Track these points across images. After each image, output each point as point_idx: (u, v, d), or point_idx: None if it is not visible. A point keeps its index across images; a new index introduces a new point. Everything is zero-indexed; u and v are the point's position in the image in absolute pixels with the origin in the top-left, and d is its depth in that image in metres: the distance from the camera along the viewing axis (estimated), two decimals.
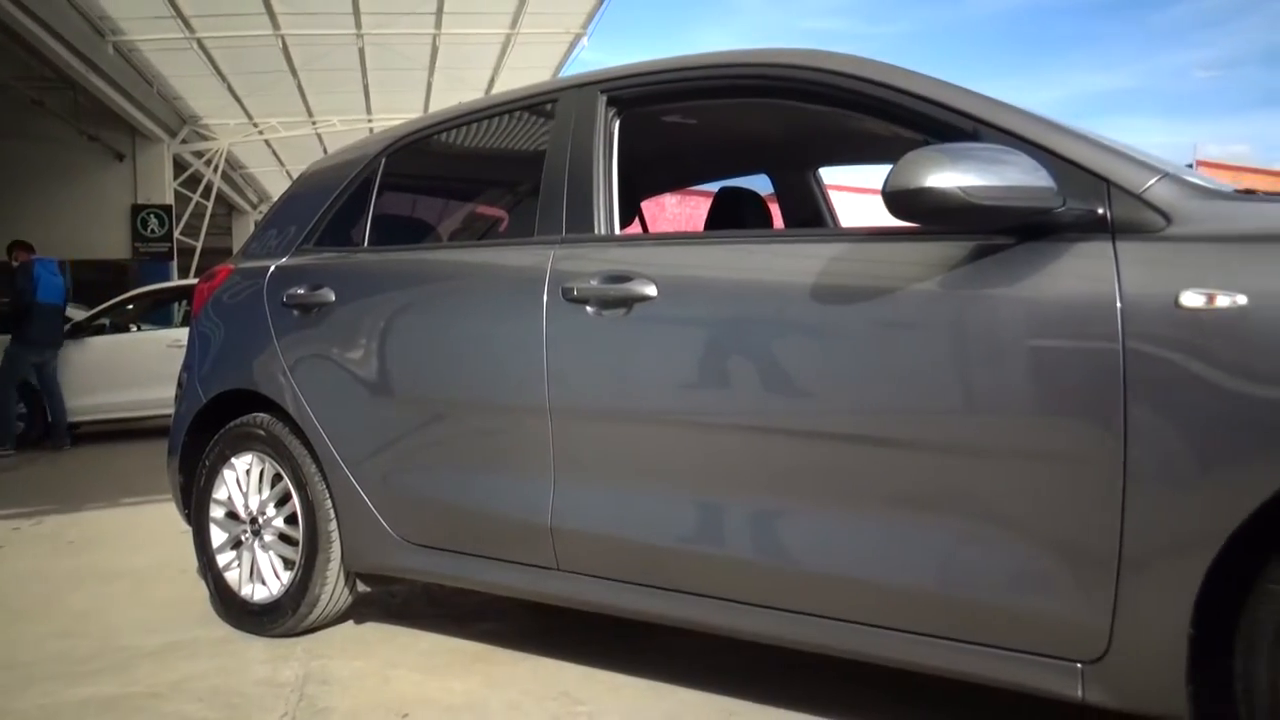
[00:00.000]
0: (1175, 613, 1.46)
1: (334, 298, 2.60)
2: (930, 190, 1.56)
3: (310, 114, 15.12)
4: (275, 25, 11.20)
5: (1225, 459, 1.42)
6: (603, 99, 2.29)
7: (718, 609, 1.95)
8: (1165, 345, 1.46)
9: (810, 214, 3.20)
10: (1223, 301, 1.43)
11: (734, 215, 2.94)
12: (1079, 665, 1.56)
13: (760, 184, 3.25)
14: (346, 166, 2.88)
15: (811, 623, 1.84)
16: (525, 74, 12.47)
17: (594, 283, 2.08)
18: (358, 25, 11.39)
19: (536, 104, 2.50)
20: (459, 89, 12.83)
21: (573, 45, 12.65)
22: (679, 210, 15.25)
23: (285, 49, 11.95)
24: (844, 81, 1.90)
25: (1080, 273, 1.56)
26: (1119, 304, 1.50)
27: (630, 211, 3.41)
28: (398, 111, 13.59)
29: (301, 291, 2.68)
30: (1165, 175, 1.58)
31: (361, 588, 2.75)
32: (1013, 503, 1.62)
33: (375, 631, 2.77)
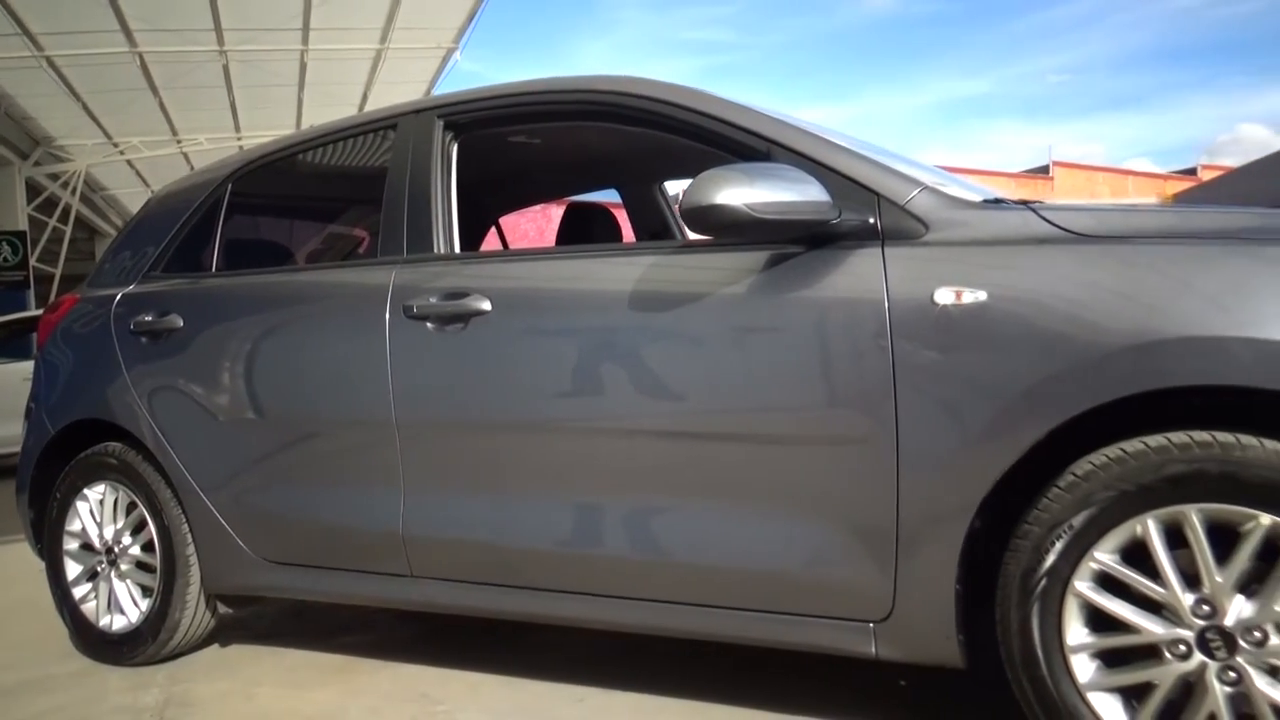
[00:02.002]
0: (944, 573, 1.66)
1: (181, 323, 2.62)
2: (720, 207, 1.73)
3: (175, 133, 14.63)
4: (132, 42, 10.83)
5: (974, 436, 1.62)
6: (440, 124, 2.40)
7: (561, 601, 2.08)
8: (923, 338, 1.67)
9: (658, 225, 3.37)
10: (968, 297, 1.64)
11: (583, 229, 3.09)
12: (870, 625, 1.75)
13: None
14: (193, 192, 2.90)
15: (648, 607, 1.99)
16: (399, 89, 12.38)
17: (432, 300, 2.18)
18: (220, 42, 11.11)
19: (377, 129, 2.58)
20: (331, 105, 12.65)
21: (446, 59, 12.65)
22: None
23: (144, 66, 11.56)
24: (652, 105, 2.07)
25: (855, 275, 1.75)
26: (886, 303, 1.70)
27: (483, 229, 3.52)
28: (268, 128, 13.29)
29: (149, 318, 2.69)
30: (925, 188, 1.79)
31: (227, 611, 2.77)
32: (811, 485, 1.80)
33: (240, 653, 2.79)
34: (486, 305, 2.11)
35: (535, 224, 18.39)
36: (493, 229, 3.63)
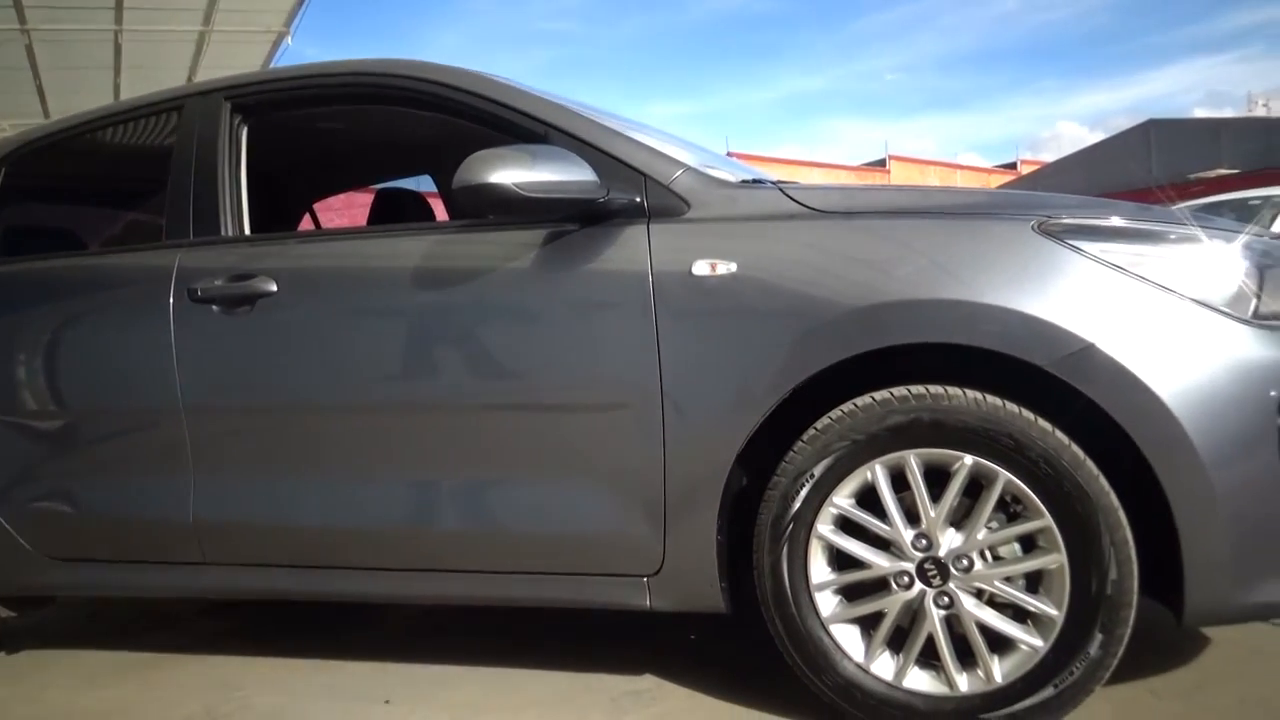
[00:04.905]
0: (706, 527, 1.79)
1: None
2: (490, 186, 1.80)
3: None
4: None
5: (726, 398, 1.76)
6: (227, 105, 2.36)
7: (356, 578, 2.10)
8: (683, 308, 1.79)
9: None
10: (721, 269, 1.77)
11: (393, 214, 3.08)
12: (645, 580, 1.86)
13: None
14: None
15: (444, 578, 2.04)
16: (228, 73, 11.81)
17: (218, 282, 2.16)
18: (21, 20, 10.29)
19: (163, 110, 2.52)
20: (152, 89, 11.90)
21: (276, 44, 12.13)
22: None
23: None
24: (429, 88, 2.11)
25: (623, 249, 1.86)
26: (650, 276, 1.81)
27: (297, 215, 3.46)
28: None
29: None
30: (688, 169, 1.91)
31: (11, 615, 2.64)
32: (589, 450, 1.89)
33: (30, 658, 2.66)
34: (272, 286, 2.11)
35: None
36: (307, 215, 3.58)
